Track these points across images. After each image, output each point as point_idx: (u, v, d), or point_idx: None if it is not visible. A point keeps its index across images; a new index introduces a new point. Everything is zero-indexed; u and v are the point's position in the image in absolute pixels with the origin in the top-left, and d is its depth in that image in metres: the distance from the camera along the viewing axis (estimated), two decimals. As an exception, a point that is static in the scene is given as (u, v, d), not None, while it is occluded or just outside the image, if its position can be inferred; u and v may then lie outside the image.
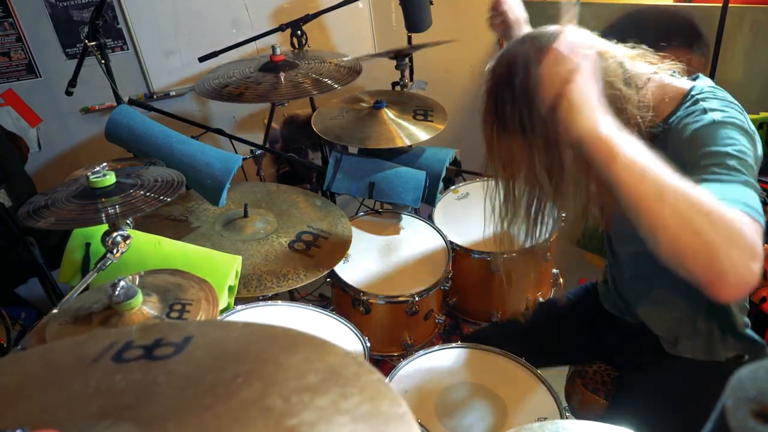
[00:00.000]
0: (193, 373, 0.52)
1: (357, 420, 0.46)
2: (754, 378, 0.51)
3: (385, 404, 0.48)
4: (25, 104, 2.33)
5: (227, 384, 0.50)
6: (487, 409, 1.34)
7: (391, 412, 0.47)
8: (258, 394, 0.48)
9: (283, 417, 0.46)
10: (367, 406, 0.47)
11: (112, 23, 2.29)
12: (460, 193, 2.06)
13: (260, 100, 1.89)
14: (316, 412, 0.46)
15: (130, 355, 0.56)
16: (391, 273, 1.73)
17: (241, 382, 0.50)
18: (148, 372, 0.53)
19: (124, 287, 1.00)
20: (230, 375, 0.51)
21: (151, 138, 1.64)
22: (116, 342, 0.58)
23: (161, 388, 0.51)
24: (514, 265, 1.63)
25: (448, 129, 2.03)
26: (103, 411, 0.49)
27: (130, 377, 0.53)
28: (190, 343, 0.56)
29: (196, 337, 0.57)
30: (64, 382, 0.54)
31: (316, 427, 0.45)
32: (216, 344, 0.57)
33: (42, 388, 0.54)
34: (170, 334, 0.58)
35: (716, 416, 0.50)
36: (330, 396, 0.48)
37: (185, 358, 0.54)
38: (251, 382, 0.50)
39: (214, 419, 0.47)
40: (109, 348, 0.57)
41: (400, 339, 1.72)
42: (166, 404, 0.49)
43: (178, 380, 0.52)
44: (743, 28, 2.16)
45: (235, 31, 2.47)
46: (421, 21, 2.07)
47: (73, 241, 1.33)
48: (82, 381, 0.53)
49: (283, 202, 1.83)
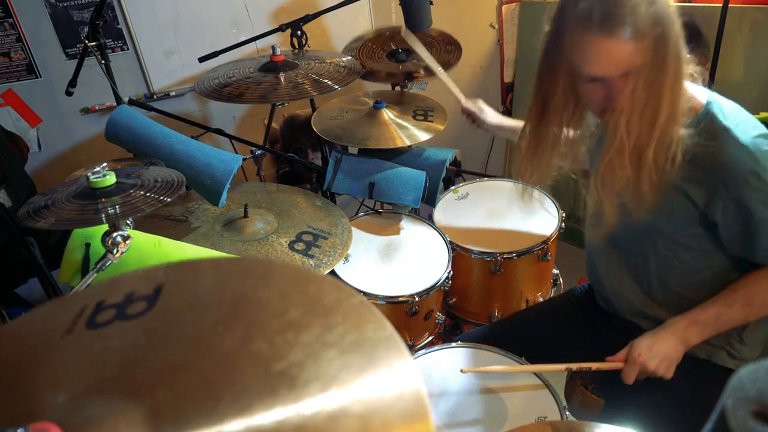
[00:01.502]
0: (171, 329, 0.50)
1: (345, 351, 0.45)
2: (754, 378, 0.51)
3: (370, 329, 0.47)
4: (25, 104, 2.33)
5: (208, 335, 0.48)
6: (487, 408, 1.34)
7: (377, 336, 0.46)
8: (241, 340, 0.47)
9: (270, 361, 0.45)
10: (352, 334, 0.46)
11: (112, 23, 2.29)
12: (460, 193, 2.06)
13: (260, 100, 1.89)
14: (302, 349, 0.45)
15: (104, 317, 0.53)
16: (391, 273, 1.73)
17: (222, 330, 0.48)
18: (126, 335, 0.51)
19: (124, 287, 1.00)
20: (209, 324, 0.49)
21: (151, 138, 1.64)
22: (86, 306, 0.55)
23: (142, 351, 0.49)
24: None
25: (448, 129, 2.03)
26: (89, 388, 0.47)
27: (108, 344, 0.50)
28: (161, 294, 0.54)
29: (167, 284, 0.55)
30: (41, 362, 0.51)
31: (305, 366, 0.44)
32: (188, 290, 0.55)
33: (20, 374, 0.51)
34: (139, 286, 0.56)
35: (716, 416, 0.50)
36: (314, 330, 0.46)
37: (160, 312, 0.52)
38: (232, 328, 0.48)
39: (203, 375, 0.45)
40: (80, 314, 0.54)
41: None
42: (150, 369, 0.47)
43: (157, 339, 0.50)
44: (743, 28, 2.16)
45: (235, 31, 2.47)
46: (421, 21, 2.07)
47: (73, 241, 1.33)
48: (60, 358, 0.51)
49: (283, 202, 1.83)
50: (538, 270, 1.87)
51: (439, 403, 1.35)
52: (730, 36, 2.12)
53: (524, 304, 1.89)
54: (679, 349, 1.30)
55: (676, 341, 1.29)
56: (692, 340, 1.29)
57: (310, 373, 0.44)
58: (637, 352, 1.31)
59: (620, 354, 1.35)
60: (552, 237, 1.83)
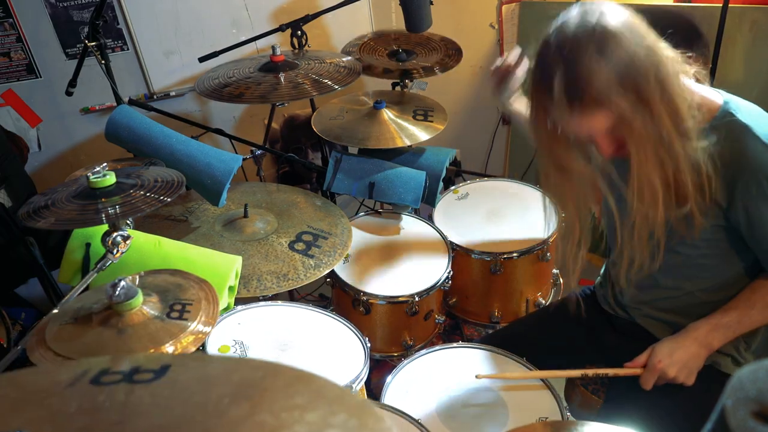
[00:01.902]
0: (178, 394, 0.52)
1: None
2: (754, 378, 0.51)
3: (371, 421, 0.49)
4: (25, 104, 2.33)
5: (215, 403, 0.50)
6: (488, 409, 1.34)
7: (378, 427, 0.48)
8: (248, 411, 0.48)
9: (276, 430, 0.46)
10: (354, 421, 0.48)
11: (112, 23, 2.29)
12: (460, 193, 2.06)
13: (260, 100, 1.89)
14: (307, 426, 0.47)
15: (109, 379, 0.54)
16: (391, 273, 1.73)
17: (228, 402, 0.50)
18: (131, 393, 0.52)
19: (124, 287, 1.00)
20: (216, 396, 0.51)
21: (151, 138, 1.64)
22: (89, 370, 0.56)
23: (147, 407, 0.50)
24: None
25: (448, 129, 2.03)
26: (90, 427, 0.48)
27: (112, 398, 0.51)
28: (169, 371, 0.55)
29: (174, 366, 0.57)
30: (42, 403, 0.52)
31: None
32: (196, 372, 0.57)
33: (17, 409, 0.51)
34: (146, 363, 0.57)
35: (716, 416, 0.50)
36: (318, 412, 0.48)
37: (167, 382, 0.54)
38: (239, 403, 0.50)
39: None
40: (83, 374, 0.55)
41: (400, 339, 1.72)
42: (155, 421, 0.48)
43: (164, 400, 0.51)
44: (743, 28, 2.16)
45: (235, 31, 2.47)
46: (421, 21, 2.07)
47: (73, 241, 1.33)
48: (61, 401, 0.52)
49: (283, 202, 1.83)
50: (538, 270, 1.87)
51: (440, 403, 1.35)
52: (730, 36, 2.11)
53: (524, 304, 1.89)
54: (702, 355, 1.27)
55: (698, 347, 1.27)
56: (715, 344, 1.27)
57: None
58: (657, 359, 1.28)
59: (639, 359, 1.33)
60: (552, 237, 1.83)
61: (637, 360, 1.33)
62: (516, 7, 2.80)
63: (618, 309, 1.50)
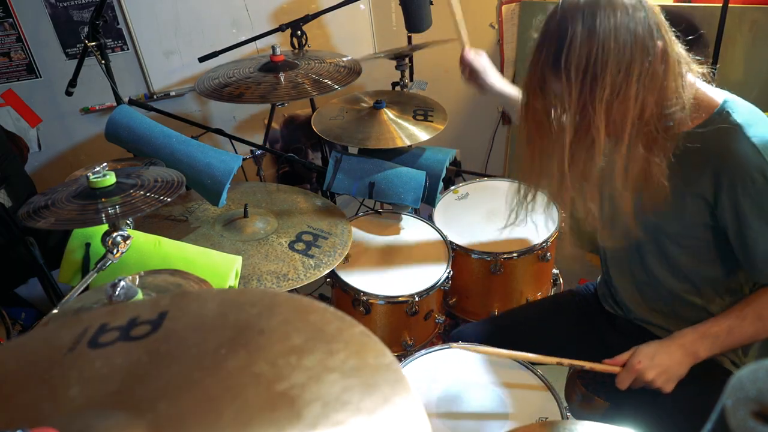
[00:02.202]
0: (174, 349, 0.51)
1: (346, 375, 0.46)
2: (754, 378, 0.51)
3: (371, 356, 0.48)
4: (25, 104, 2.33)
5: (212, 356, 0.49)
6: (488, 409, 1.34)
7: (377, 363, 0.47)
8: (244, 362, 0.48)
9: (272, 382, 0.45)
10: (354, 360, 0.47)
11: (112, 23, 2.29)
12: (460, 193, 2.06)
13: (260, 100, 1.89)
14: (304, 372, 0.46)
15: (107, 338, 0.54)
16: (391, 273, 1.73)
17: (225, 352, 0.49)
18: (129, 354, 0.51)
19: (124, 287, 1.00)
20: (213, 346, 0.50)
21: (151, 138, 1.64)
22: (89, 327, 0.56)
23: (145, 368, 0.50)
24: None
25: (448, 129, 2.03)
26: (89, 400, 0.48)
27: (110, 362, 0.51)
28: (165, 319, 0.54)
29: (171, 311, 0.56)
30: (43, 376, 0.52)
31: (307, 387, 0.45)
32: (192, 316, 0.56)
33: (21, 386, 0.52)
34: (144, 311, 0.56)
35: (716, 416, 0.50)
36: (316, 355, 0.47)
37: (164, 335, 0.53)
38: (236, 351, 0.49)
39: (205, 392, 0.46)
40: (83, 334, 0.55)
41: (400, 339, 1.72)
42: (153, 385, 0.48)
43: (161, 359, 0.50)
44: (743, 28, 2.16)
45: (235, 31, 2.47)
46: (421, 21, 2.07)
47: (73, 241, 1.33)
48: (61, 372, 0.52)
49: (283, 202, 1.83)
50: (538, 270, 1.87)
51: (440, 403, 1.35)
52: (730, 36, 2.11)
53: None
54: (686, 363, 1.25)
55: (683, 354, 1.25)
56: (702, 353, 1.25)
57: (311, 393, 0.44)
58: (637, 359, 1.26)
59: (620, 357, 1.31)
60: (552, 237, 1.83)
61: (618, 358, 1.31)
62: (516, 7, 2.80)
63: (618, 308, 1.51)
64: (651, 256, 1.35)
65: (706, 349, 1.24)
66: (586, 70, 1.07)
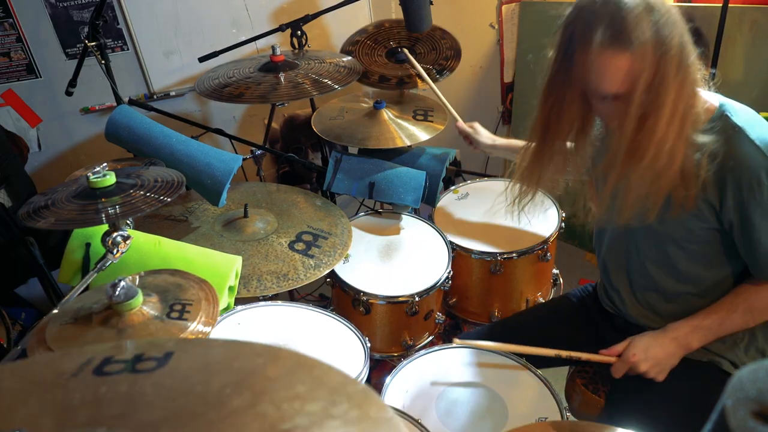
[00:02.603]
0: (180, 384, 0.52)
1: (348, 423, 0.47)
2: (754, 378, 0.51)
3: (373, 410, 0.49)
4: (25, 104, 2.33)
5: (217, 394, 0.50)
6: (488, 409, 1.34)
7: (379, 416, 0.48)
8: (249, 402, 0.49)
9: (277, 422, 0.46)
10: (356, 411, 0.48)
11: (112, 23, 2.29)
12: (460, 193, 2.06)
13: (260, 100, 1.89)
14: (308, 417, 0.47)
15: (112, 369, 0.55)
16: (391, 273, 1.73)
17: (230, 392, 0.50)
18: (134, 384, 0.52)
19: (124, 287, 1.00)
20: (218, 386, 0.51)
21: (151, 138, 1.64)
22: (93, 358, 0.57)
23: (149, 398, 0.51)
24: None
25: (448, 129, 2.03)
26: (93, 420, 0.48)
27: (115, 389, 0.52)
28: (171, 358, 0.56)
29: (177, 352, 0.57)
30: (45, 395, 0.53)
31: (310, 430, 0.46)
32: (198, 359, 0.57)
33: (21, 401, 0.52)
34: (150, 349, 0.58)
35: (716, 416, 0.50)
36: (319, 403, 0.49)
37: (169, 371, 0.54)
38: (241, 392, 0.50)
39: (208, 425, 0.47)
40: (87, 363, 0.56)
41: (400, 339, 1.72)
42: (157, 413, 0.49)
43: (166, 391, 0.51)
44: (743, 28, 2.16)
45: (235, 31, 2.47)
46: (421, 21, 2.07)
47: (73, 241, 1.33)
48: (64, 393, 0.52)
49: (283, 202, 1.83)
50: (538, 270, 1.87)
51: (440, 403, 1.35)
52: (730, 36, 2.12)
53: (524, 304, 1.89)
54: (678, 354, 1.31)
55: (675, 347, 1.31)
56: (693, 344, 1.31)
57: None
58: (632, 352, 1.33)
59: (615, 348, 1.37)
60: (552, 237, 1.83)
61: (613, 348, 1.38)
62: (516, 7, 2.80)
63: (616, 308, 1.51)
64: (651, 263, 1.36)
65: (698, 341, 1.31)
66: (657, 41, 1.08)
